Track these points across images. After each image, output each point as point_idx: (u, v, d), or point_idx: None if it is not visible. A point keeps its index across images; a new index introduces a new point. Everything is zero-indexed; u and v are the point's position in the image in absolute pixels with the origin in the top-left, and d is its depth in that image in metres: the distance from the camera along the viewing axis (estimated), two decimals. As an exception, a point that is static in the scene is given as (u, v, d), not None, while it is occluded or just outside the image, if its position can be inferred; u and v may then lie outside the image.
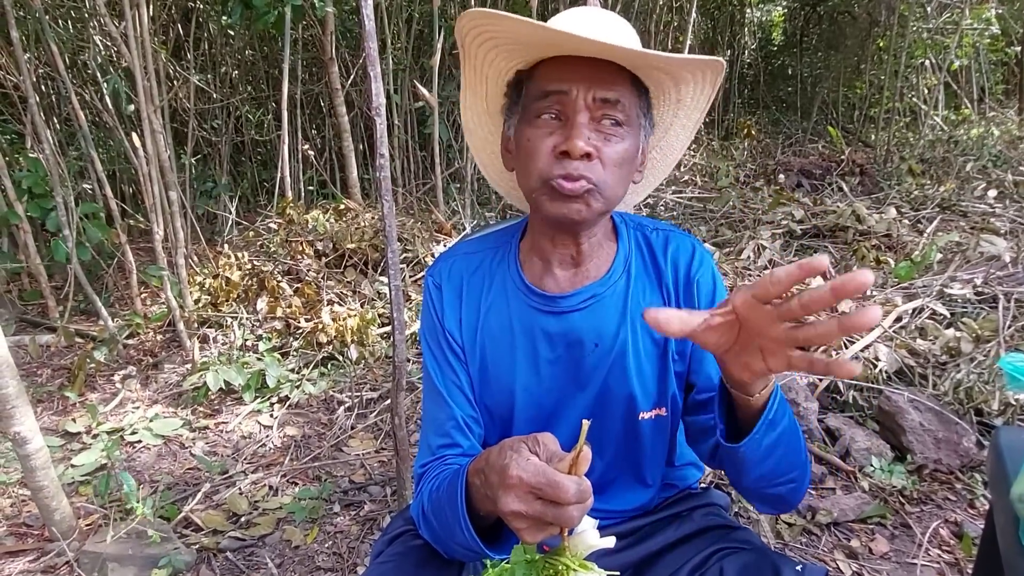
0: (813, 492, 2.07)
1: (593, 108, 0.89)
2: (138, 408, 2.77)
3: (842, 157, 5.54)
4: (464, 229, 4.41)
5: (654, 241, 1.07)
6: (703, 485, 1.25)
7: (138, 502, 1.88)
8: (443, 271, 1.08)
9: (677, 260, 1.04)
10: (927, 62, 7.28)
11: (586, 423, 0.67)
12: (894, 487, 2.04)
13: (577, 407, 1.04)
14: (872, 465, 2.11)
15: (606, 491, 1.10)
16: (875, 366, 2.40)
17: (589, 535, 0.75)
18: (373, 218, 4.07)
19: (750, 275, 3.07)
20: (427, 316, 1.08)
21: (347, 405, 2.76)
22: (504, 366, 1.04)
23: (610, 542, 0.75)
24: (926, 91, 7.38)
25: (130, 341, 3.30)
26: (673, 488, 1.16)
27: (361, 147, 5.55)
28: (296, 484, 2.30)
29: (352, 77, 5.20)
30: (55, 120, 4.40)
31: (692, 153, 6.81)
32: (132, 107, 3.57)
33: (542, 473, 0.68)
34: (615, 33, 0.93)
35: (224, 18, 4.72)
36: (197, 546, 1.95)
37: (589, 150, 0.88)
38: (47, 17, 3.05)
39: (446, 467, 0.98)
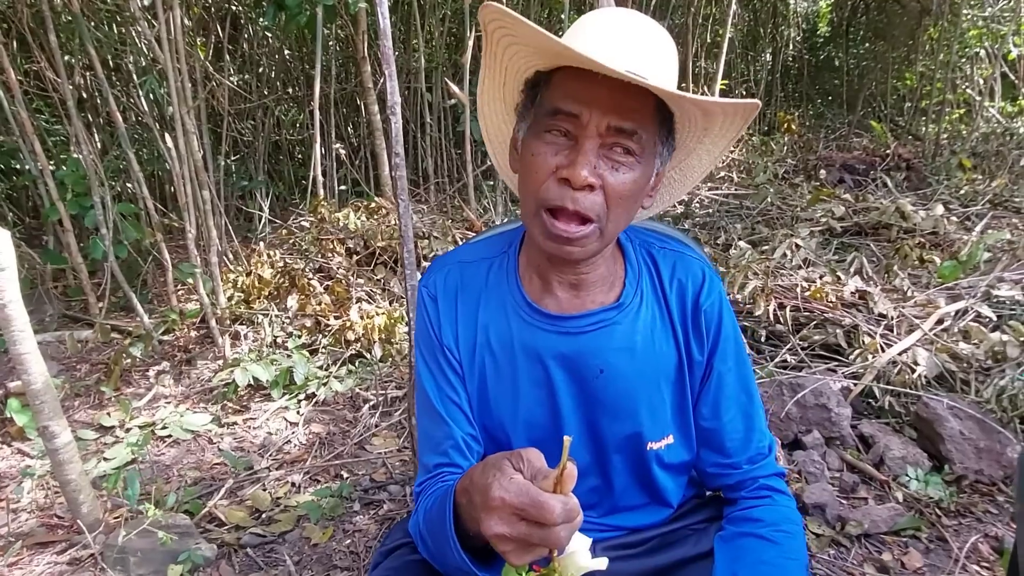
0: (844, 502, 1.99)
1: (605, 135, 0.82)
2: (170, 403, 2.83)
3: (887, 151, 5.34)
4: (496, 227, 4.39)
5: (661, 262, 1.01)
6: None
7: (140, 505, 1.90)
8: (438, 282, 1.03)
9: (684, 288, 0.99)
10: (982, 51, 6.97)
11: (567, 439, 0.64)
12: (930, 498, 1.94)
13: (580, 433, 1.00)
14: (907, 475, 2.01)
15: (625, 512, 1.07)
16: (913, 370, 2.30)
17: (580, 556, 0.71)
18: (403, 216, 4.08)
19: (783, 275, 2.98)
20: (422, 329, 1.03)
21: (372, 403, 2.78)
22: (505, 387, 1.00)
23: (602, 563, 0.72)
24: (980, 82, 7.07)
25: (165, 337, 3.38)
26: (683, 496, 1.11)
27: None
28: (319, 481, 2.31)
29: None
30: (100, 121, 4.53)
31: (731, 149, 6.66)
32: (171, 108, 3.65)
33: (525, 493, 0.65)
34: (648, 51, 0.85)
35: (260, 19, 4.80)
36: (219, 542, 1.97)
37: (592, 181, 0.82)
38: (86, 20, 3.13)
39: (442, 484, 0.96)
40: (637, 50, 0.85)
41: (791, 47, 9.33)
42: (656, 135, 0.87)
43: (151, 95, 3.81)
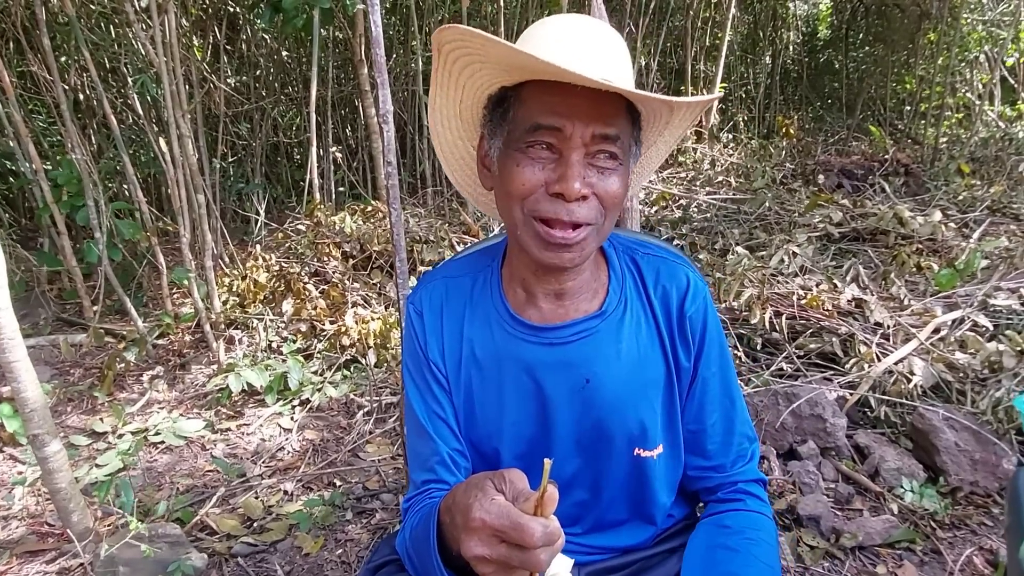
0: (839, 513, 1.98)
1: (590, 144, 0.83)
2: (164, 409, 2.82)
3: (886, 157, 5.33)
4: (492, 230, 4.39)
5: (644, 269, 1.01)
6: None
7: (132, 515, 1.89)
8: (423, 297, 1.03)
9: (668, 294, 0.99)
10: (982, 56, 6.96)
11: (548, 462, 0.63)
12: (925, 510, 1.93)
13: (568, 445, 0.99)
14: (903, 486, 2.00)
15: (608, 529, 1.06)
16: (909, 380, 2.29)
17: None
18: (400, 220, 4.07)
19: (779, 282, 2.96)
20: (409, 345, 1.03)
21: (366, 409, 2.76)
22: (491, 401, 0.99)
23: None
24: (980, 86, 7.06)
25: (160, 341, 3.36)
26: (672, 519, 1.10)
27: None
28: (311, 489, 2.30)
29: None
30: (95, 123, 4.52)
31: (729, 153, 6.66)
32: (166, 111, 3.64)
33: (506, 515, 0.64)
34: (610, 54, 0.86)
35: (257, 21, 4.79)
36: (209, 551, 1.96)
37: (585, 192, 0.82)
38: (81, 22, 3.12)
39: (429, 500, 0.95)
40: (602, 55, 0.85)
41: (790, 50, 9.32)
42: (630, 136, 0.88)
43: (147, 96, 3.80)
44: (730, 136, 7.32)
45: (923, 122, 6.92)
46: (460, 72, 0.89)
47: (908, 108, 7.79)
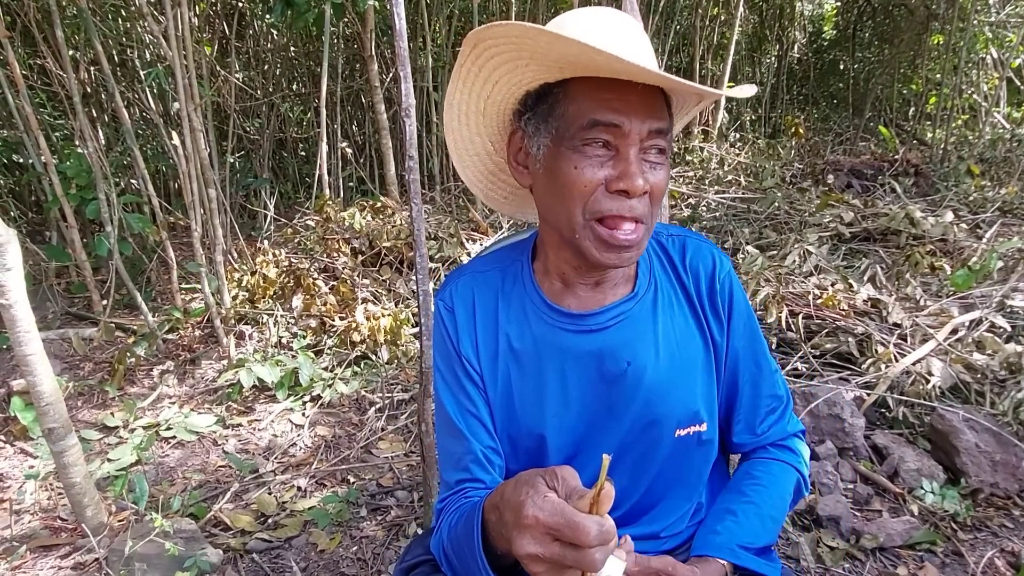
0: (858, 514, 1.97)
1: (645, 139, 0.82)
2: (174, 404, 2.81)
3: (895, 157, 5.31)
4: (501, 228, 4.37)
5: (671, 248, 1.02)
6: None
7: (155, 512, 1.87)
8: (454, 293, 1.01)
9: (697, 269, 1.00)
10: (988, 57, 6.95)
11: (607, 458, 0.61)
12: (946, 512, 1.92)
13: (613, 431, 0.98)
14: (923, 487, 1.99)
15: (648, 512, 1.04)
16: (928, 381, 2.27)
17: None
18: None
19: (794, 281, 2.95)
20: (440, 342, 1.01)
21: (378, 406, 2.75)
22: (531, 393, 0.97)
23: None
24: (987, 87, 7.04)
25: (170, 336, 3.35)
26: (701, 508, 1.09)
27: (400, 144, 5.56)
28: (324, 485, 2.29)
29: (392, 74, 5.20)
30: (105, 117, 4.50)
31: (737, 152, 6.64)
32: (177, 105, 3.63)
33: (560, 513, 0.63)
34: (644, 44, 0.87)
35: (267, 16, 4.77)
36: (224, 547, 1.95)
37: (648, 188, 0.83)
38: (92, 15, 3.10)
39: (466, 500, 0.94)
40: (644, 48, 0.86)
41: (796, 50, 9.30)
42: (671, 128, 0.89)
43: (155, 89, 3.78)
44: (737, 135, 7.31)
45: (928, 123, 6.90)
46: (495, 68, 0.87)
47: (913, 109, 7.78)
